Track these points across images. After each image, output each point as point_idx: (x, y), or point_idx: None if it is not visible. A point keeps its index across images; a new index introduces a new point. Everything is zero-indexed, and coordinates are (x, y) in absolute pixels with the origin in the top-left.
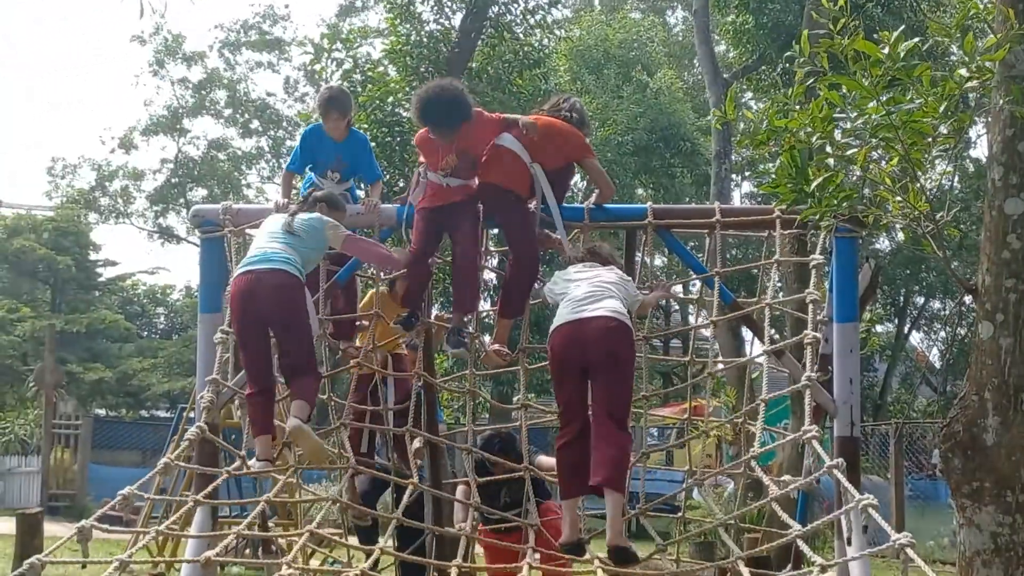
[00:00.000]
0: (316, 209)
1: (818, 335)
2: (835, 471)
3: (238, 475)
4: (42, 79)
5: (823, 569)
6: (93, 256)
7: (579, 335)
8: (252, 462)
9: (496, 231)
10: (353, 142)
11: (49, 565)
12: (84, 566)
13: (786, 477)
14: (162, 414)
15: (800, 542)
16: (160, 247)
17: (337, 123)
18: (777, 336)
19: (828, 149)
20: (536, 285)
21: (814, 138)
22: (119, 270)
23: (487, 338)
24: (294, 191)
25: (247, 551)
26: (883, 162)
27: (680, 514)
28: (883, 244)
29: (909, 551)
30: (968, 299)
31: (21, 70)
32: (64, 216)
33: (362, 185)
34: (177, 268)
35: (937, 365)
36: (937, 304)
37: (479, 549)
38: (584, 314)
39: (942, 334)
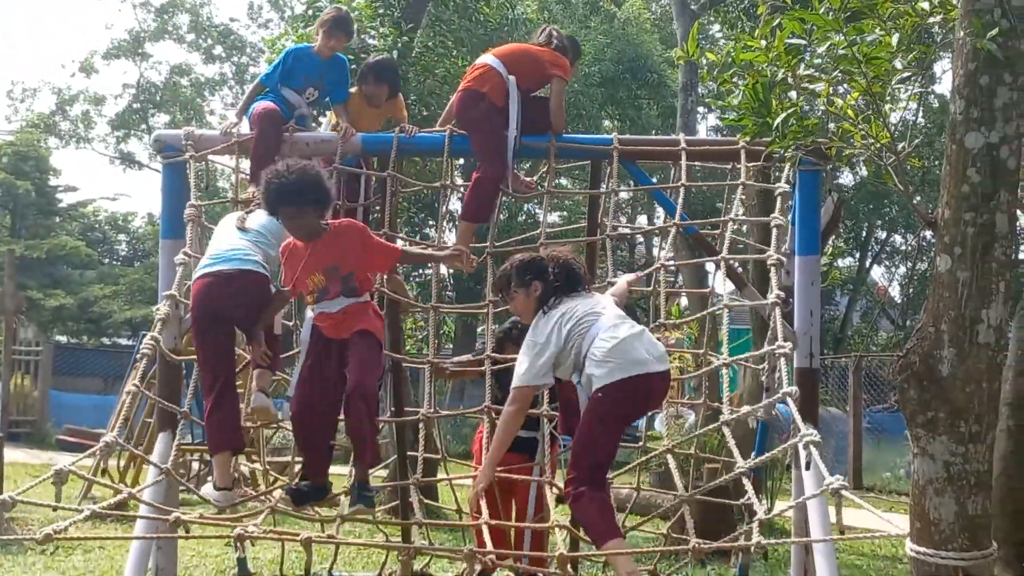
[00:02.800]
0: None
1: (782, 257)
2: (788, 399)
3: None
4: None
5: (761, 524)
6: (53, 181)
7: (647, 392)
8: (208, 492)
9: (462, 161)
10: (336, 61)
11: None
12: (55, 510)
13: (745, 408)
14: (124, 342)
15: (745, 480)
16: (122, 173)
17: (339, 43)
18: (741, 270)
19: (791, 81)
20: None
21: (778, 73)
22: (80, 196)
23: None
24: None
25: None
26: (846, 96)
27: (640, 443)
28: (847, 179)
29: (845, 493)
30: (928, 234)
31: None
32: (24, 140)
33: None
34: (139, 195)
35: (897, 299)
36: (899, 239)
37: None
38: (652, 367)
39: (903, 269)
